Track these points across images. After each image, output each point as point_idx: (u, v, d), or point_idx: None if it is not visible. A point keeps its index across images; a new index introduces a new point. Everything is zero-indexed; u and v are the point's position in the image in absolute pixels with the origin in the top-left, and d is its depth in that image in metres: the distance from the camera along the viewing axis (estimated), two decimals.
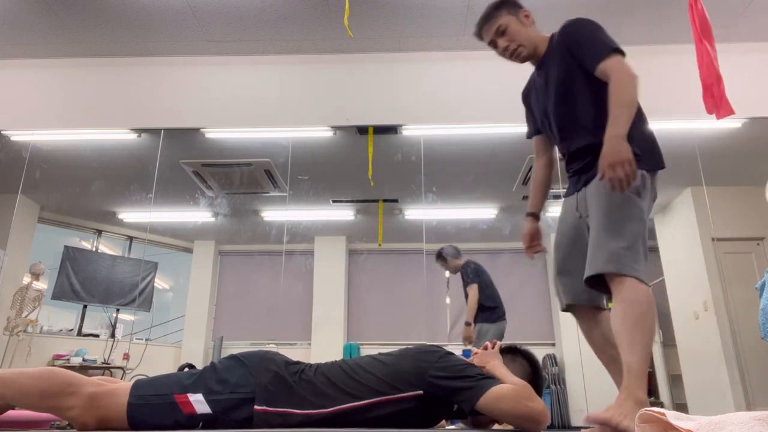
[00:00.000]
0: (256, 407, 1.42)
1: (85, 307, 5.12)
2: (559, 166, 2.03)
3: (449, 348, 1.60)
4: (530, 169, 2.28)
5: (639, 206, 1.63)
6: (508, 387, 1.43)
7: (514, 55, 1.94)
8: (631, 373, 1.51)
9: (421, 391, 1.46)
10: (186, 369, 1.61)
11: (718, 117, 2.38)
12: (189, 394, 1.43)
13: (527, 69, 1.99)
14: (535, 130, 2.08)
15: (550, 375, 5.00)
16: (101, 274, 5.22)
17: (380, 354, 1.59)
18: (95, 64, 4.41)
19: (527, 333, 5.20)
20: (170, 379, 1.50)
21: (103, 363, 4.74)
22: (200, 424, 1.42)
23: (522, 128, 4.33)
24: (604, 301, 1.88)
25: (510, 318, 4.19)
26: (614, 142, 1.55)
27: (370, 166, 4.18)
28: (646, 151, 1.70)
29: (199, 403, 1.43)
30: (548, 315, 5.29)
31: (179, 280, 6.05)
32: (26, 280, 4.65)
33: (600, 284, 1.66)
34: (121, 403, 1.42)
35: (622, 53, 1.74)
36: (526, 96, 2.08)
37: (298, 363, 1.56)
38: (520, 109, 2.14)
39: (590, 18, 1.88)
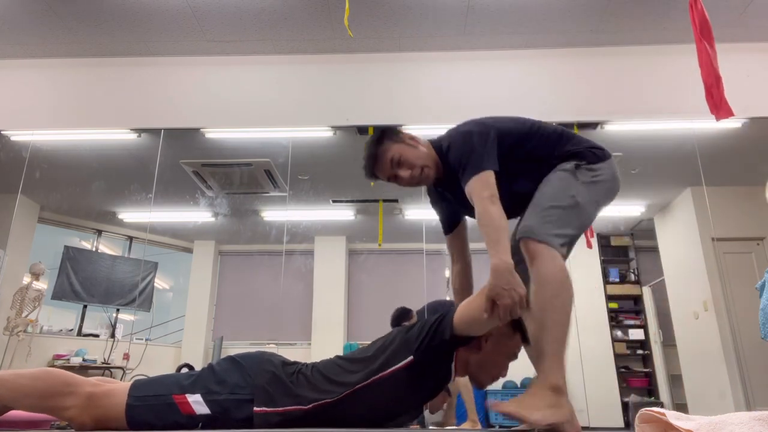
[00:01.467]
0: (255, 409, 1.42)
1: (85, 307, 5.12)
2: None
3: None
4: None
5: (574, 187, 1.64)
6: (473, 296, 1.51)
7: (422, 178, 1.81)
8: (543, 358, 1.47)
9: (411, 357, 1.48)
10: (184, 369, 1.62)
11: (718, 118, 2.38)
12: (187, 395, 1.44)
13: (526, 69, 1.98)
14: (450, 226, 1.97)
15: None
16: (101, 274, 5.22)
17: (372, 342, 1.62)
18: (95, 64, 4.41)
19: None
20: (168, 380, 1.50)
21: (103, 363, 4.74)
22: (200, 425, 1.42)
23: None
24: None
25: None
26: (504, 274, 1.43)
27: None
28: (579, 153, 1.71)
29: (197, 404, 1.43)
30: None
31: (179, 280, 6.05)
32: (26, 280, 4.65)
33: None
34: (119, 404, 1.42)
35: (486, 169, 1.63)
36: (438, 200, 1.97)
37: (295, 363, 1.57)
38: (520, 110, 2.13)
39: (479, 122, 1.77)
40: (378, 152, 1.82)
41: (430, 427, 2.50)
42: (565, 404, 1.42)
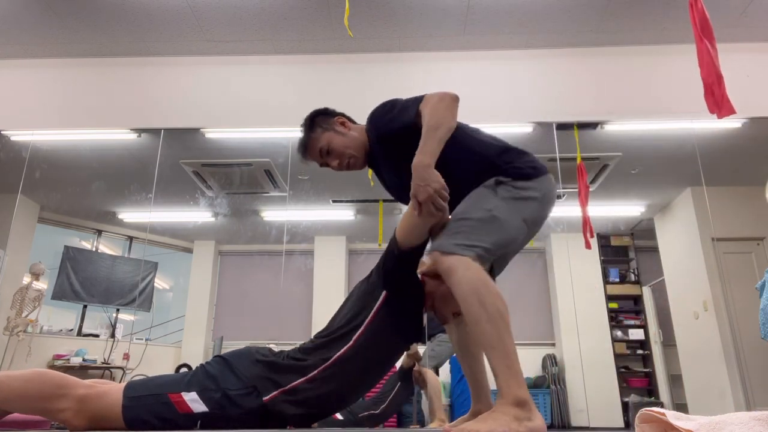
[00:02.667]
0: (264, 398, 1.45)
1: (85, 307, 5.12)
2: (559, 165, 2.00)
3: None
4: None
5: (491, 201, 1.54)
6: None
7: (350, 166, 1.80)
8: (496, 375, 1.35)
9: (384, 291, 1.55)
10: (183, 369, 1.63)
11: (720, 116, 2.37)
12: (183, 393, 1.44)
13: (526, 69, 1.98)
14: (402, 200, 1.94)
15: (550, 375, 5.00)
16: (101, 274, 5.22)
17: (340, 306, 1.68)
18: (95, 64, 4.41)
19: (527, 333, 5.20)
20: (163, 380, 1.51)
21: (103, 363, 4.74)
22: (198, 423, 1.42)
23: (523, 128, 4.32)
24: None
25: (510, 318, 4.17)
26: (419, 171, 1.46)
27: None
28: (504, 171, 1.59)
29: (194, 402, 1.43)
30: (548, 315, 5.28)
31: (179, 280, 6.05)
32: (26, 280, 4.65)
33: None
34: (114, 405, 1.42)
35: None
36: (385, 183, 1.91)
37: (281, 351, 1.61)
38: (521, 109, 2.13)
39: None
40: (308, 141, 1.81)
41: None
42: (535, 417, 1.29)
